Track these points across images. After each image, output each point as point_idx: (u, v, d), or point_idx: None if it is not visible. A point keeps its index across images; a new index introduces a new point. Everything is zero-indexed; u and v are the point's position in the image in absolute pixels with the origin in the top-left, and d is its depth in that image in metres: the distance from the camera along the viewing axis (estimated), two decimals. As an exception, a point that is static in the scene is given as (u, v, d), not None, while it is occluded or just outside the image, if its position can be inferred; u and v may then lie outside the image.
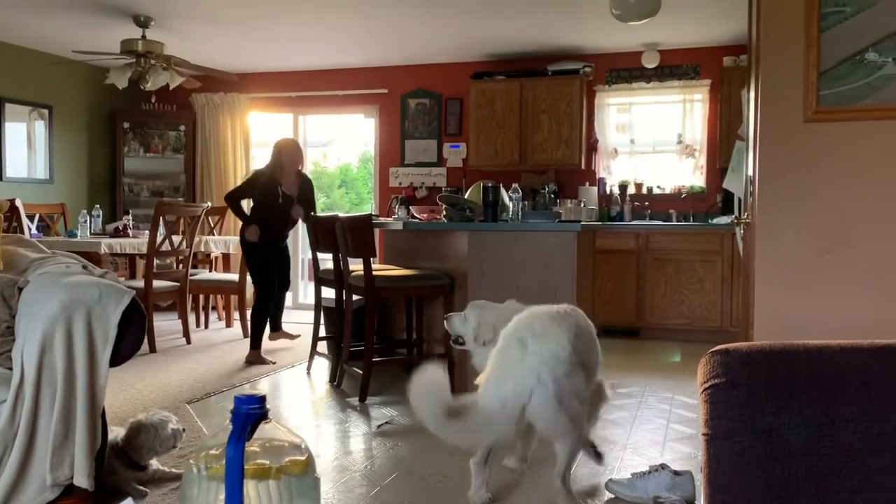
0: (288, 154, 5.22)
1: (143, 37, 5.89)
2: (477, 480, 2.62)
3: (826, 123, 2.48)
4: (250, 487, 0.90)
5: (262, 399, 0.95)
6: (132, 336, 2.39)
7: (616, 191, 6.86)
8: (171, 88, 6.28)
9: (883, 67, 2.41)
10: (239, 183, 7.77)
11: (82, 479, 2.23)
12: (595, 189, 6.90)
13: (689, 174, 6.83)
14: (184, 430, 2.80)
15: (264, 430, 0.97)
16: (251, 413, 0.92)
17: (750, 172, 2.89)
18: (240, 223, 5.30)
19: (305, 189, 5.30)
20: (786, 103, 2.53)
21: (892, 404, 1.10)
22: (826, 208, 2.50)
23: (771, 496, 1.09)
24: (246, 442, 0.91)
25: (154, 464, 2.78)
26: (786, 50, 2.51)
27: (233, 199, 5.22)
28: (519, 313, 2.70)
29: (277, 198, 5.12)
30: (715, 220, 6.25)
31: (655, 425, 3.68)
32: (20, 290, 2.38)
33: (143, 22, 5.86)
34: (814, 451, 1.10)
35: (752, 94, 2.82)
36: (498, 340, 2.62)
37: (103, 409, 2.39)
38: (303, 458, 0.96)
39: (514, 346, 2.51)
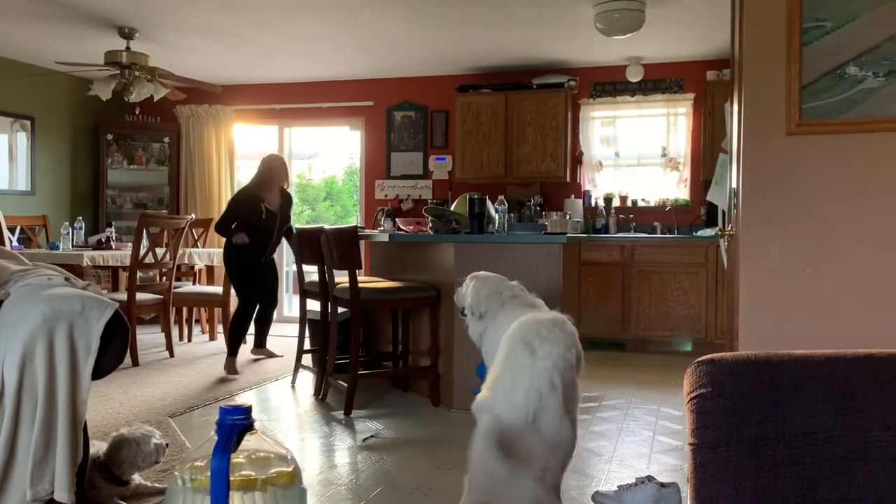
0: (276, 171, 5.32)
1: (128, 48, 5.86)
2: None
3: (808, 136, 2.51)
4: (236, 499, 0.89)
5: (248, 410, 0.95)
6: (115, 348, 2.36)
7: (601, 203, 6.90)
8: (155, 100, 6.25)
9: (863, 81, 2.44)
10: (223, 199, 7.78)
11: (63, 495, 2.20)
12: (580, 202, 6.93)
13: (673, 187, 6.88)
14: (167, 444, 2.77)
15: (250, 441, 0.96)
16: (236, 424, 0.91)
17: (734, 185, 2.91)
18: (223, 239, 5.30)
19: (286, 206, 5.42)
20: (768, 116, 2.55)
21: (875, 413, 1.11)
22: (808, 220, 2.52)
23: (757, 506, 1.09)
24: (231, 453, 0.90)
25: (136, 478, 2.75)
26: (768, 64, 2.53)
27: (222, 226, 5.22)
28: (512, 290, 2.82)
29: (261, 213, 5.15)
30: (699, 233, 6.29)
31: (642, 437, 3.68)
32: (0, 302, 2.34)
33: (127, 33, 5.84)
34: (799, 461, 1.10)
35: (736, 107, 2.85)
36: (500, 343, 2.59)
37: (85, 423, 2.36)
38: (289, 469, 0.95)
39: (521, 351, 2.46)
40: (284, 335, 6.83)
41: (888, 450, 1.08)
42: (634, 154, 7.02)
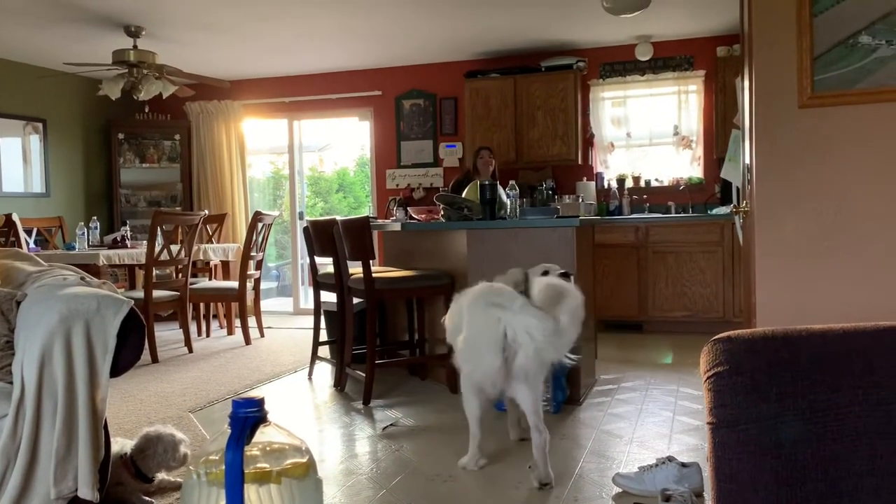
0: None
1: (135, 47, 5.88)
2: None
3: (821, 108, 2.47)
4: (251, 492, 0.89)
5: (261, 402, 0.94)
6: (132, 346, 2.38)
7: (614, 185, 6.85)
8: (164, 97, 6.27)
9: (876, 50, 2.40)
10: (235, 195, 7.82)
11: (87, 492, 2.22)
12: (593, 184, 6.89)
13: (686, 165, 6.82)
14: (187, 454, 2.77)
15: (264, 433, 0.96)
16: (249, 416, 0.91)
17: (747, 161, 2.88)
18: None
19: None
20: (780, 90, 2.52)
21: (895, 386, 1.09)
22: (824, 193, 2.49)
23: (777, 483, 1.08)
24: (245, 446, 0.90)
25: (161, 475, 2.77)
26: (778, 36, 2.49)
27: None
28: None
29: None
30: (714, 211, 6.24)
31: (661, 418, 3.66)
32: (18, 303, 2.36)
33: (133, 32, 5.85)
34: (820, 436, 1.08)
35: (747, 82, 2.81)
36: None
37: (105, 420, 2.38)
38: (304, 460, 0.95)
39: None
40: (301, 327, 6.87)
41: (910, 423, 1.06)
42: (646, 134, 6.96)
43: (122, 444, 2.74)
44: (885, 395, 1.10)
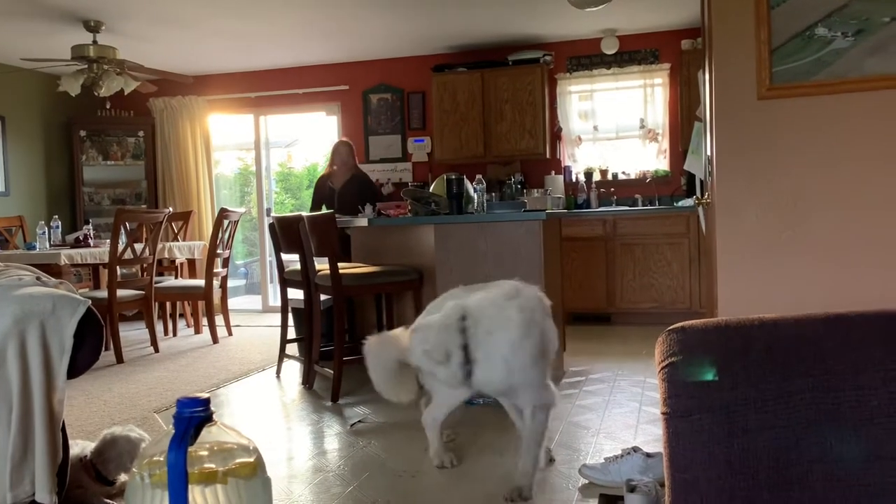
0: (338, 154, 5.89)
1: (94, 41, 5.76)
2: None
3: (779, 100, 2.50)
4: (196, 493, 0.87)
5: (207, 401, 0.92)
6: (90, 346, 2.33)
7: (582, 178, 6.89)
8: (126, 94, 6.16)
9: (832, 42, 2.43)
10: (202, 192, 7.73)
11: (44, 496, 2.17)
12: (561, 177, 6.92)
13: (652, 158, 6.87)
14: None
15: (211, 433, 0.94)
16: (194, 416, 0.89)
17: (709, 153, 2.90)
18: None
19: (353, 187, 5.84)
20: (739, 81, 2.54)
21: (846, 374, 1.10)
22: (784, 184, 2.52)
23: (731, 472, 1.09)
24: (190, 446, 0.88)
25: (122, 477, 2.72)
26: (737, 28, 2.51)
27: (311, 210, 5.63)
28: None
29: (328, 194, 5.77)
30: (680, 203, 6.30)
31: (628, 409, 3.69)
32: (-30, 305, 2.30)
33: (93, 27, 5.73)
34: (772, 425, 1.09)
35: (708, 74, 2.83)
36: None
37: (63, 423, 2.33)
38: (251, 459, 0.93)
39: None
40: (269, 325, 6.81)
41: (858, 410, 1.07)
42: (613, 127, 7.00)
43: (82, 446, 2.68)
44: (835, 382, 1.11)
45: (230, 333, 6.31)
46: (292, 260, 4.79)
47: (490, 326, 2.61)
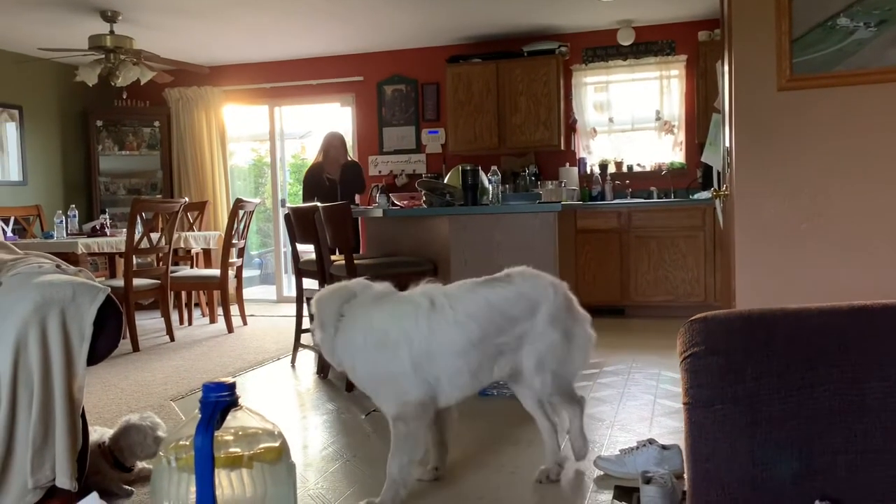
0: (330, 146, 6.25)
1: (111, 31, 5.79)
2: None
3: (800, 91, 2.48)
4: (222, 477, 0.88)
5: (232, 386, 0.93)
6: (109, 333, 2.35)
7: (596, 170, 6.86)
8: (142, 84, 6.19)
9: (854, 32, 2.40)
10: (216, 182, 7.77)
11: (64, 481, 2.20)
12: (575, 169, 6.89)
13: (668, 151, 6.83)
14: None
15: (237, 418, 0.95)
16: (220, 401, 0.90)
17: (727, 144, 2.88)
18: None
19: (348, 177, 6.20)
20: (759, 73, 2.52)
21: (870, 365, 1.10)
22: (802, 176, 2.50)
23: (753, 462, 1.08)
24: (216, 430, 0.89)
25: (140, 464, 2.75)
26: (757, 19, 2.49)
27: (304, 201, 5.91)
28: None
29: (324, 184, 6.05)
30: (696, 196, 6.26)
31: (643, 401, 3.68)
32: (-8, 292, 2.32)
33: (110, 17, 5.76)
34: (795, 415, 1.09)
35: (727, 66, 2.81)
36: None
37: (83, 409, 2.36)
38: (276, 444, 0.93)
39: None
40: (284, 315, 6.83)
41: (884, 400, 1.07)
42: (628, 119, 6.96)
43: (101, 432, 2.71)
44: (859, 373, 1.10)
45: (245, 323, 6.34)
46: (307, 250, 4.80)
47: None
